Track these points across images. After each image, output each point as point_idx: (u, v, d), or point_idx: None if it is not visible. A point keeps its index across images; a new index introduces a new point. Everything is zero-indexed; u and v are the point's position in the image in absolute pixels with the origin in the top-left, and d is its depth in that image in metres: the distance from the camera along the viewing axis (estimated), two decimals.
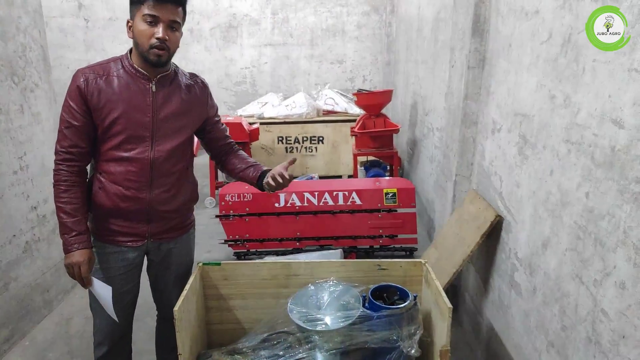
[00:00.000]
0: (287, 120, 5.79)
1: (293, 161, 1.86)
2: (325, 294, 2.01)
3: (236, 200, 3.66)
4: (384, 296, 1.99)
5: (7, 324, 2.61)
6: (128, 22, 1.66)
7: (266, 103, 6.18)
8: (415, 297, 1.91)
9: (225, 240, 3.72)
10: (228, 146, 2.00)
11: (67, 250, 1.69)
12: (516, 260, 2.05)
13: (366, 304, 1.93)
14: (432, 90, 4.07)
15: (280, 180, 1.80)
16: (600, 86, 1.41)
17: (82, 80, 1.63)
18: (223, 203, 3.65)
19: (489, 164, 2.43)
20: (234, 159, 1.96)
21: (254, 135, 5.08)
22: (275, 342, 1.96)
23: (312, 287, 2.04)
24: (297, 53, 7.47)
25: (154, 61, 1.62)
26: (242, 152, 2.00)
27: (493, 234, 2.28)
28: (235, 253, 3.78)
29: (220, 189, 4.04)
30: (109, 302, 1.75)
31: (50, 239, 3.01)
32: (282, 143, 5.85)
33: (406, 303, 1.87)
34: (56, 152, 1.69)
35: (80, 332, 2.86)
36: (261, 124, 5.62)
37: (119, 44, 7.40)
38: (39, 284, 2.90)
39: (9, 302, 2.63)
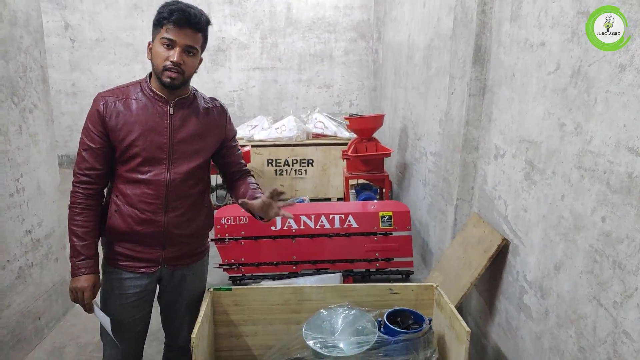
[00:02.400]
0: (277, 143, 5.82)
1: (275, 192, 1.71)
2: (339, 319, 2.00)
3: (232, 223, 3.63)
4: (398, 320, 1.99)
5: None
6: (149, 44, 1.68)
7: (256, 126, 6.20)
8: (430, 321, 1.93)
9: (220, 265, 3.66)
10: (241, 172, 1.98)
11: (73, 273, 1.68)
12: (525, 282, 2.09)
13: (381, 329, 1.93)
14: (425, 115, 4.17)
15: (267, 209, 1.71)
16: (614, 116, 1.49)
17: (101, 103, 1.65)
18: (219, 226, 3.61)
19: (491, 189, 2.50)
20: (241, 185, 1.93)
21: (245, 157, 5.07)
22: None
23: (325, 312, 2.03)
24: (285, 77, 7.56)
25: (167, 83, 1.63)
26: (250, 178, 1.98)
27: (499, 257, 2.32)
28: (230, 277, 3.73)
29: (215, 212, 4.00)
30: (109, 330, 1.73)
31: (43, 264, 2.91)
32: (272, 165, 5.85)
33: (423, 327, 1.88)
34: (74, 174, 1.69)
35: None
36: (252, 146, 5.63)
37: (105, 65, 7.36)
38: (30, 311, 2.79)
39: (0, 331, 2.51)
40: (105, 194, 1.77)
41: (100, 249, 1.77)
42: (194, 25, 1.61)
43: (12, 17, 2.61)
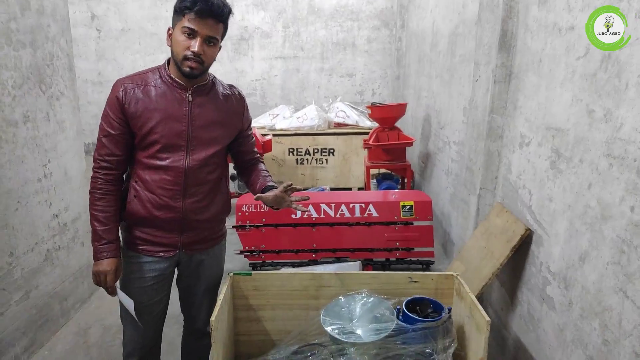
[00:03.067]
0: (298, 132, 5.81)
1: (288, 186, 1.74)
2: (357, 306, 1.99)
3: (253, 210, 3.66)
4: (417, 309, 1.98)
5: (27, 332, 2.58)
6: (169, 29, 1.66)
7: (277, 115, 6.21)
8: (449, 310, 1.91)
9: (240, 251, 3.70)
10: (254, 160, 2.00)
11: (96, 257, 1.71)
12: (548, 273, 2.05)
13: (400, 317, 1.92)
14: (449, 104, 4.10)
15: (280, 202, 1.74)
16: None
17: (120, 90, 1.65)
18: (240, 213, 3.64)
19: (516, 178, 2.44)
20: (253, 172, 1.96)
21: (267, 146, 5.09)
22: (308, 354, 1.94)
23: (343, 299, 2.03)
24: (308, 66, 7.53)
25: (187, 72, 1.62)
26: (261, 165, 2.00)
27: (522, 247, 2.27)
28: (250, 264, 3.77)
29: (236, 199, 4.05)
30: (133, 313, 1.75)
31: (69, 247, 2.99)
32: (293, 155, 5.86)
33: (442, 316, 1.86)
34: (94, 160, 1.71)
35: (99, 342, 2.83)
36: (273, 135, 5.64)
37: (130, 54, 7.47)
38: (57, 292, 2.88)
39: (29, 310, 2.60)
40: (124, 179, 1.79)
41: (120, 233, 1.80)
42: (217, 16, 1.59)
43: (40, 6, 2.66)
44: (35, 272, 2.66)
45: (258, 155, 2.03)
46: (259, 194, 1.75)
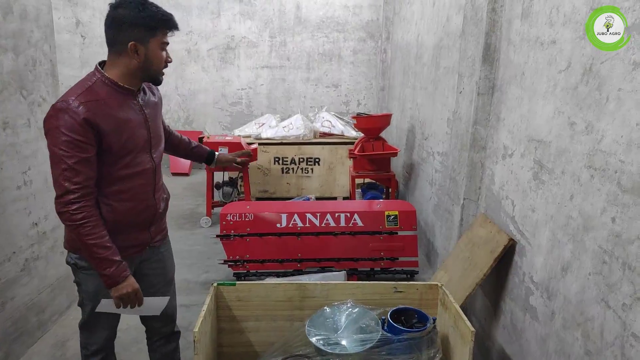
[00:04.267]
0: (284, 141, 5.80)
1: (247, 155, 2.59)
2: (342, 316, 1.98)
3: (237, 219, 3.63)
4: (402, 319, 1.98)
5: (1, 346, 2.50)
6: (133, 45, 1.62)
7: (263, 124, 6.19)
8: (434, 320, 1.91)
9: (224, 261, 3.66)
10: (169, 132, 2.17)
11: (116, 282, 1.65)
12: (531, 283, 2.06)
13: (385, 327, 1.91)
14: (433, 115, 4.14)
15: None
16: (626, 114, 1.46)
17: (82, 111, 1.55)
18: (224, 222, 3.61)
19: (499, 188, 2.47)
20: (174, 139, 2.19)
21: (253, 155, 5.07)
22: None
23: (328, 310, 2.02)
24: (294, 76, 7.55)
25: (161, 81, 1.78)
26: (176, 132, 2.22)
27: (505, 257, 2.29)
28: (234, 274, 3.72)
29: (220, 208, 4.01)
30: (157, 312, 1.86)
31: (48, 256, 2.92)
32: (279, 164, 5.84)
33: (427, 326, 1.86)
34: (68, 192, 1.57)
35: (77, 355, 2.72)
36: (259, 144, 5.62)
37: None
38: (34, 303, 2.80)
39: (4, 322, 2.52)
40: None
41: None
42: (177, 27, 1.75)
43: (23, 11, 2.62)
44: (12, 282, 2.58)
45: (168, 125, 2.18)
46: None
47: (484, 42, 2.55)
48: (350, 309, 1.99)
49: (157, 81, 1.77)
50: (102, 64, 1.71)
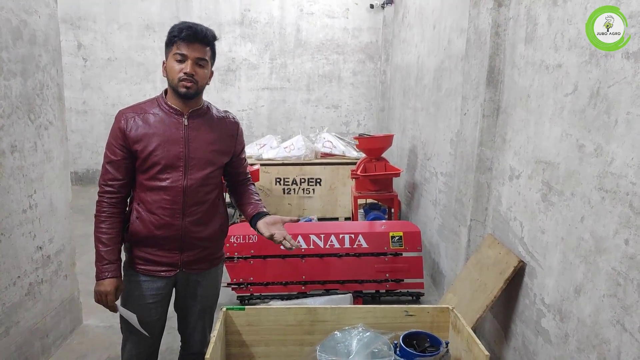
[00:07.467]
0: (285, 162, 5.82)
1: (296, 221, 2.00)
2: (353, 340, 1.96)
3: (241, 242, 3.61)
4: (414, 343, 1.95)
5: None
6: (163, 63, 1.82)
7: (264, 145, 6.23)
8: (447, 344, 1.89)
9: (228, 284, 3.63)
10: (245, 180, 2.13)
11: (98, 277, 1.80)
12: (543, 306, 2.05)
13: (397, 352, 1.89)
14: (435, 136, 4.17)
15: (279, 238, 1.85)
16: (636, 137, 1.48)
17: (122, 120, 1.80)
18: (228, 245, 3.58)
19: (506, 210, 2.47)
20: (242, 192, 2.10)
21: (254, 176, 5.06)
22: None
23: (339, 334, 1.99)
24: (294, 97, 7.62)
25: (183, 93, 1.75)
26: (252, 187, 2.14)
27: (515, 279, 2.29)
28: (238, 297, 3.69)
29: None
30: (138, 326, 1.84)
31: (52, 280, 2.89)
32: (280, 184, 5.85)
33: (440, 350, 1.84)
34: (99, 185, 1.84)
35: None
36: (260, 165, 5.63)
37: (116, 84, 7.45)
38: (38, 328, 2.76)
39: (8, 347, 2.48)
40: (128, 203, 1.89)
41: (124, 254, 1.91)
42: (202, 39, 1.75)
43: (32, 35, 2.65)
44: (17, 307, 2.55)
45: (249, 176, 2.16)
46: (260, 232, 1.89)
47: (488, 65, 2.59)
48: (361, 334, 1.96)
49: (179, 93, 1.76)
50: None
